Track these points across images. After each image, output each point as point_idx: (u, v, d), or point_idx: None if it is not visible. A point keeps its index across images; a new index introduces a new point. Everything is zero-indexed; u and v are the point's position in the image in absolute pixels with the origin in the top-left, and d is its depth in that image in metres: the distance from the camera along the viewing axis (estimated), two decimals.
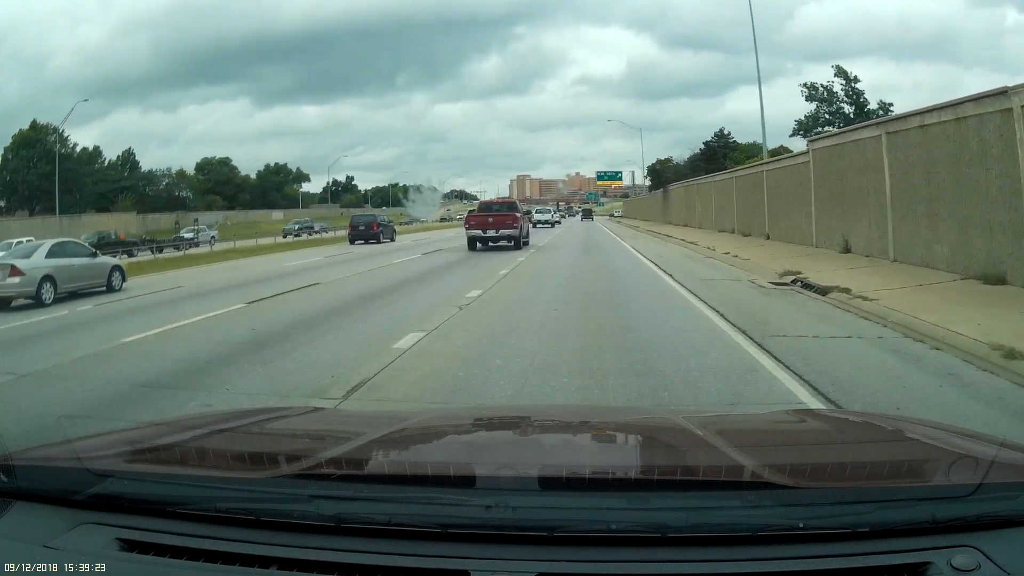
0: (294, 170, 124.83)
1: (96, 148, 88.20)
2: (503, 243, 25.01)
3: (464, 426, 2.30)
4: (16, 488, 1.44)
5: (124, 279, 17.40)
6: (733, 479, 1.50)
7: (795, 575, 1.22)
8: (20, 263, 14.43)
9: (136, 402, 5.99)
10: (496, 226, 24.80)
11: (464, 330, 8.97)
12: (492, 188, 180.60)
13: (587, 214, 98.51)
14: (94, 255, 17.28)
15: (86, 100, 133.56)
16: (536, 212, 67.99)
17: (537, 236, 34.02)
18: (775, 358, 6.72)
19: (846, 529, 1.25)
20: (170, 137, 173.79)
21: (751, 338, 7.74)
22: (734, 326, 8.59)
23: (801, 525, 1.25)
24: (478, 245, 25.03)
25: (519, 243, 25.21)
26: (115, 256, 24.20)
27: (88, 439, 1.90)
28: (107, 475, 1.44)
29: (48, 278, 14.56)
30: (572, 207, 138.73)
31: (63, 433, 2.78)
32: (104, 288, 16.44)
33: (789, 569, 1.22)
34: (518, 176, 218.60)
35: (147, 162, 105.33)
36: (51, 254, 15.32)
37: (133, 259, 31.78)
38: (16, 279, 14.04)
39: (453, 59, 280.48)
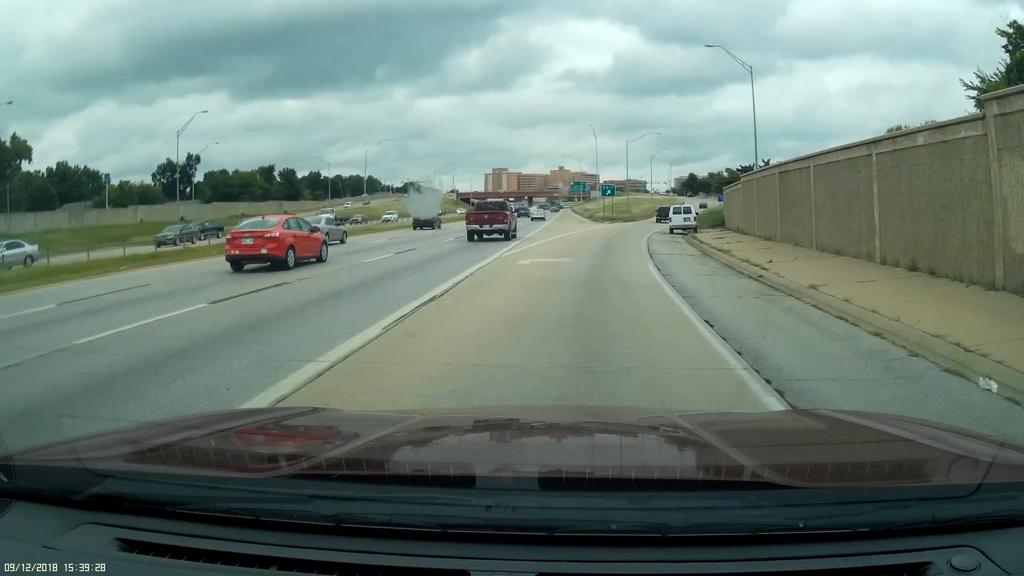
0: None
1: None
2: (495, 236, 31.71)
3: (464, 426, 2.30)
4: (16, 488, 1.43)
5: (347, 237, 35.23)
6: (733, 479, 1.50)
7: (795, 575, 1.22)
8: (318, 226, 28.14)
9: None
10: (490, 222, 32.53)
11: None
12: (470, 184, 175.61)
13: (664, 213, 48.70)
14: (339, 223, 38.46)
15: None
16: (535, 209, 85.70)
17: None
18: None
19: (846, 529, 1.25)
20: (150, 132, 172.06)
21: None
22: None
23: (801, 525, 1.24)
24: (475, 237, 31.94)
25: (508, 235, 32.29)
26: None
27: (88, 439, 1.90)
28: (107, 475, 1.44)
29: (327, 233, 27.90)
30: (557, 201, 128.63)
31: (63, 433, 2.79)
32: (340, 242, 31.97)
33: (789, 569, 1.22)
34: (494, 170, 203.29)
35: (133, 158, 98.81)
36: (327, 222, 34.76)
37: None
38: (315, 233, 28.69)
39: (435, 53, 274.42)
